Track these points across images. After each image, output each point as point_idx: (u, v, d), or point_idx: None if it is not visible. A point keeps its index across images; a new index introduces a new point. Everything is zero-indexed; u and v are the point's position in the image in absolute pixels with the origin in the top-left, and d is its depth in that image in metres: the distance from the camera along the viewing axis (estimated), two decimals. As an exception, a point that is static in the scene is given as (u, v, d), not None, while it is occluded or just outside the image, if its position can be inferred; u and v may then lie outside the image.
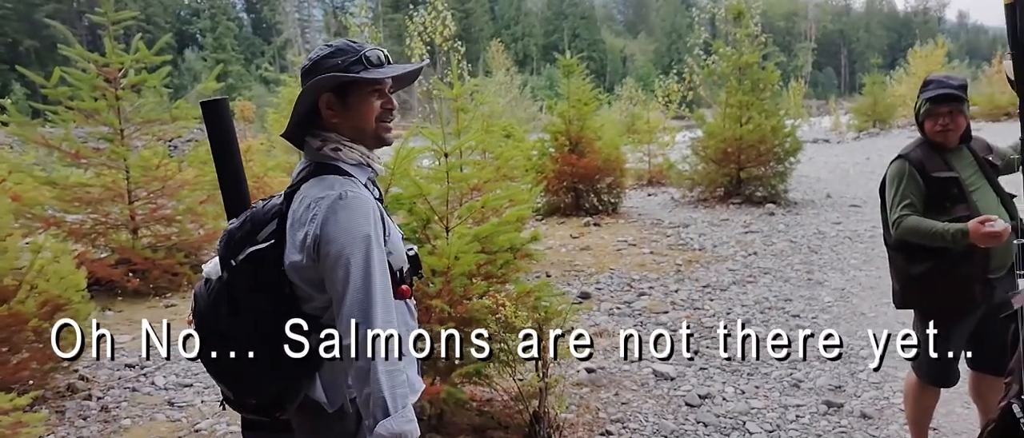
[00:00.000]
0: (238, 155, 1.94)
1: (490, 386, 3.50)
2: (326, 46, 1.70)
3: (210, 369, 1.73)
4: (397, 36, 10.75)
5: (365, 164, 1.70)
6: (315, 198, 1.57)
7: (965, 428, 3.49)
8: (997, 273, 2.76)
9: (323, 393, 1.68)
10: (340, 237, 1.52)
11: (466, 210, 3.55)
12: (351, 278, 1.52)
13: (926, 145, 2.88)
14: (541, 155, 10.22)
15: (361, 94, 1.66)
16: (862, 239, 7.98)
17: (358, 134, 1.68)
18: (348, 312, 1.52)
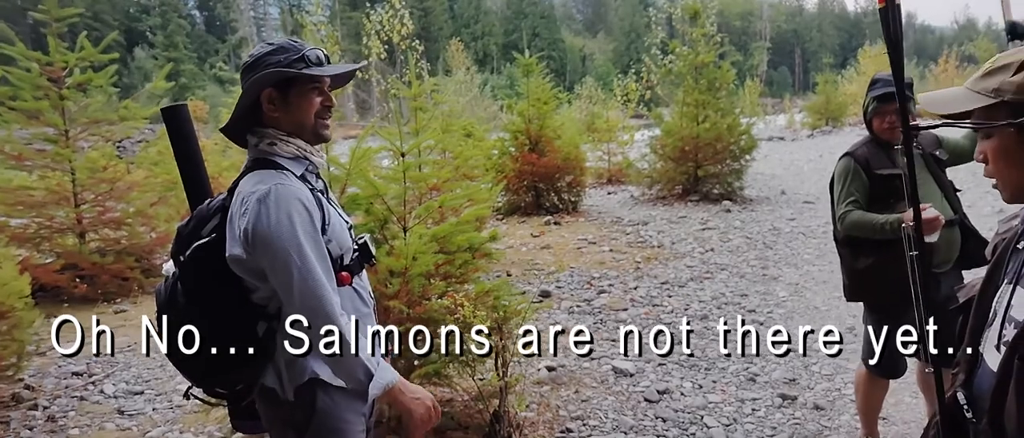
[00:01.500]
0: (201, 161, 1.97)
1: (450, 386, 3.48)
2: (267, 44, 1.75)
3: (174, 362, 1.80)
4: (354, 34, 10.62)
5: (302, 157, 1.75)
6: (248, 193, 1.64)
7: (913, 417, 3.59)
8: (942, 267, 2.84)
9: (276, 379, 1.75)
10: (271, 230, 1.59)
11: (424, 210, 3.52)
12: (289, 269, 1.60)
13: (873, 142, 2.96)
14: (501, 154, 10.22)
15: (302, 91, 1.73)
16: (815, 235, 8.16)
17: (298, 129, 1.75)
18: (296, 306, 1.63)
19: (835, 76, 29.38)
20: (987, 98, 1.16)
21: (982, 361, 1.25)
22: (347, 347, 1.63)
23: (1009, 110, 1.14)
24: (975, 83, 1.20)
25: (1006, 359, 1.13)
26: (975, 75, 1.22)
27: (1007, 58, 1.17)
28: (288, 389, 1.74)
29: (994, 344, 1.22)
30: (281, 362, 1.74)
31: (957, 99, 1.21)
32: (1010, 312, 1.19)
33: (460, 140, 9.31)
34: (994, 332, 1.23)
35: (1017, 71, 1.13)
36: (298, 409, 1.75)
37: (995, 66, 1.18)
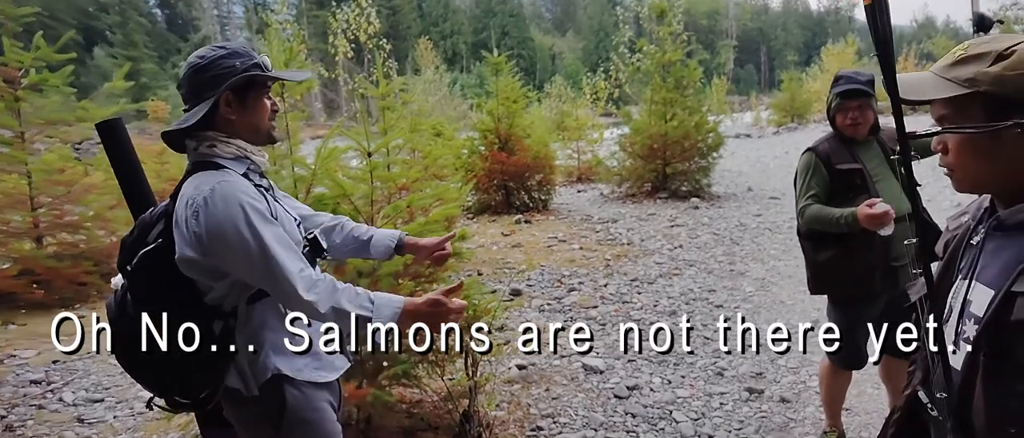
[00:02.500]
0: (140, 170, 1.98)
1: (419, 387, 3.45)
2: (216, 47, 1.75)
3: (130, 373, 1.81)
4: (321, 33, 10.52)
5: (243, 157, 1.76)
6: (192, 195, 1.64)
7: (875, 407, 3.66)
8: (900, 261, 2.89)
9: (239, 379, 1.76)
10: (223, 225, 1.60)
11: (392, 210, 3.49)
12: (249, 259, 1.62)
13: (836, 138, 3.00)
14: (471, 153, 10.20)
15: (259, 95, 1.77)
16: (781, 230, 8.28)
17: (253, 132, 1.78)
18: (269, 290, 1.68)
19: (800, 74, 29.96)
20: (959, 88, 1.09)
21: (941, 357, 1.22)
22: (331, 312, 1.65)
23: (982, 102, 1.08)
24: (946, 70, 1.13)
25: (971, 355, 1.11)
26: (945, 61, 1.15)
27: (982, 46, 1.10)
28: (252, 386, 1.75)
29: (952, 339, 1.20)
30: (243, 361, 1.75)
31: (925, 85, 1.14)
32: (969, 308, 1.16)
33: (429, 139, 9.26)
34: (951, 328, 1.20)
35: (995, 61, 1.07)
36: (268, 405, 1.77)
37: (969, 53, 1.10)
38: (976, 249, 1.20)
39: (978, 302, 1.13)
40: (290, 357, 1.78)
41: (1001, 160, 1.10)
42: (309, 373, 1.82)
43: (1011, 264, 1.09)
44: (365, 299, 1.69)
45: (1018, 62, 1.04)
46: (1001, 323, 1.05)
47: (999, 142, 1.08)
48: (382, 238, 2.11)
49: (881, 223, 2.60)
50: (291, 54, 3.87)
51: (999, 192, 1.16)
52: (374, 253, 2.10)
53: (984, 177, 1.15)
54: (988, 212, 1.22)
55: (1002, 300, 1.06)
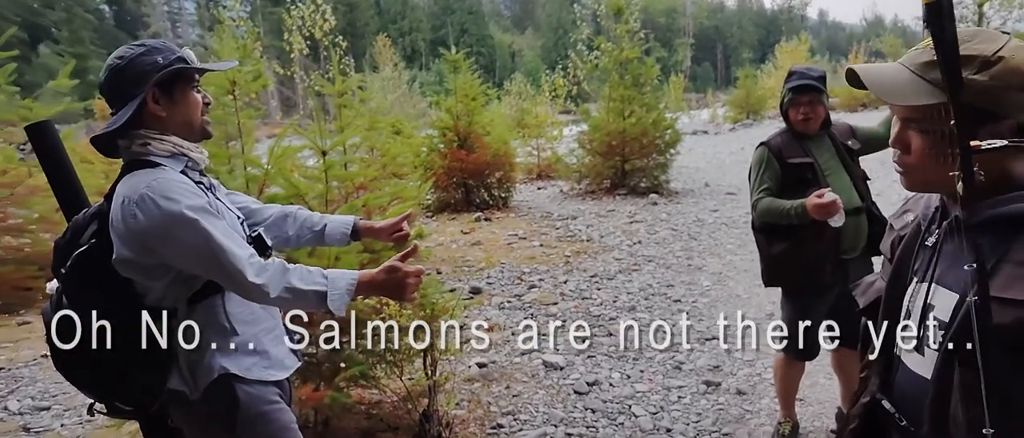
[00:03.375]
0: (73, 172, 1.94)
1: (378, 388, 3.42)
2: (135, 46, 1.72)
3: (68, 378, 1.76)
4: (276, 30, 10.35)
5: (180, 154, 1.73)
6: (127, 194, 1.61)
7: (828, 397, 3.75)
8: (849, 254, 2.96)
9: (182, 382, 1.73)
10: (162, 220, 1.57)
11: (347, 209, 3.45)
12: (195, 252, 1.60)
13: (788, 133, 3.06)
14: (430, 151, 10.15)
15: (187, 90, 1.73)
16: (737, 225, 8.42)
17: (185, 127, 1.75)
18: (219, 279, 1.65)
19: (755, 71, 30.46)
20: (942, 95, 1.01)
21: (900, 363, 1.20)
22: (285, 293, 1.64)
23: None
24: (924, 69, 1.05)
25: (943, 364, 1.07)
26: (922, 57, 1.07)
27: (965, 46, 1.01)
28: (196, 389, 1.73)
29: (913, 345, 1.16)
30: (183, 362, 1.72)
31: (903, 87, 1.06)
32: (932, 312, 1.12)
33: (388, 137, 9.19)
34: (911, 332, 1.17)
35: (980, 68, 1.00)
36: (216, 405, 1.75)
37: None
38: (932, 251, 1.16)
39: (942, 307, 1.10)
40: (236, 356, 1.76)
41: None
42: (258, 372, 1.80)
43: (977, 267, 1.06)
44: (318, 275, 1.69)
45: (1005, 73, 1.00)
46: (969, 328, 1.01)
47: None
48: (337, 225, 2.10)
49: (830, 213, 2.66)
50: (245, 51, 3.80)
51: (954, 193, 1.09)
52: (329, 241, 2.09)
53: (941, 180, 1.08)
54: (940, 212, 1.18)
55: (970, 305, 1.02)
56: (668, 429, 3.55)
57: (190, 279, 1.70)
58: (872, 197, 3.08)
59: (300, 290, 1.65)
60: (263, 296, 1.64)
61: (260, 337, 1.83)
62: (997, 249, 1.04)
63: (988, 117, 1.01)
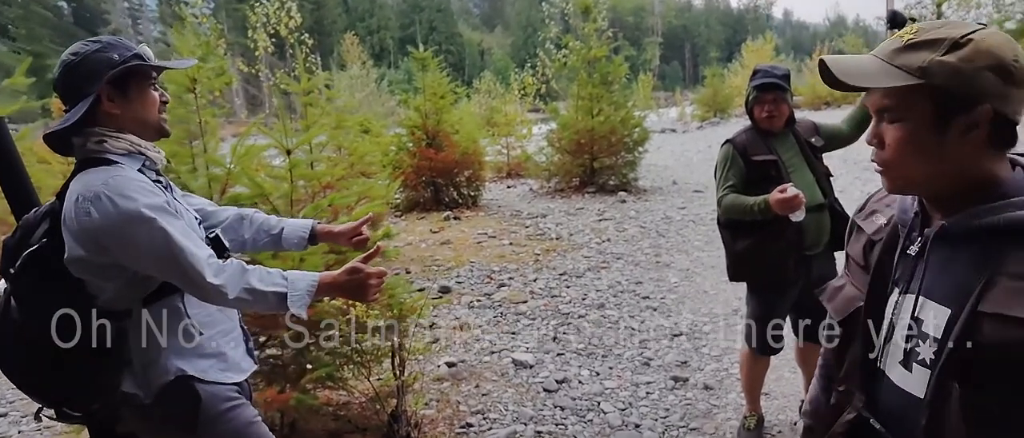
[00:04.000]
0: (23, 170, 1.92)
1: (345, 389, 3.39)
2: (90, 41, 1.69)
3: (16, 382, 1.72)
4: (241, 27, 10.17)
5: (137, 153, 1.70)
6: (82, 191, 1.57)
7: (792, 391, 3.81)
8: (812, 250, 3.01)
9: (135, 384, 1.70)
10: (120, 220, 1.54)
11: (312, 209, 3.40)
12: (152, 252, 1.57)
13: (753, 130, 3.09)
14: (399, 150, 10.08)
15: (143, 87, 1.70)
16: (704, 222, 8.51)
17: (141, 125, 1.72)
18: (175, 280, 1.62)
19: (722, 70, 30.82)
20: (910, 77, 0.98)
21: (884, 378, 1.14)
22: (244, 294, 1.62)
23: (932, 95, 0.98)
24: (893, 55, 1.02)
25: (939, 383, 1.01)
26: (891, 45, 1.03)
27: (933, 31, 0.99)
28: (149, 391, 1.70)
29: (899, 360, 1.10)
30: (138, 365, 1.69)
31: (868, 71, 1.02)
32: (920, 327, 1.06)
33: (356, 136, 9.11)
34: (897, 347, 1.11)
35: (949, 49, 0.96)
36: (173, 408, 1.72)
37: (919, 38, 1.00)
38: (915, 260, 1.10)
39: (932, 322, 1.04)
40: (193, 358, 1.74)
41: (945, 161, 1.02)
42: (215, 374, 1.78)
43: (965, 280, 1.00)
44: (278, 277, 1.67)
45: (975, 54, 0.96)
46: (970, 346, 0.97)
47: (945, 141, 1.00)
48: (294, 229, 2.07)
49: (792, 207, 2.70)
50: (208, 49, 3.73)
51: (936, 195, 1.07)
52: (286, 245, 2.06)
53: (924, 178, 1.05)
54: (920, 218, 1.12)
55: (966, 321, 0.97)
56: (636, 425, 3.57)
57: (145, 280, 1.67)
58: (835, 194, 3.13)
59: (260, 291, 1.63)
60: (221, 297, 1.61)
61: (217, 339, 1.81)
62: (990, 261, 0.98)
63: (960, 103, 0.97)
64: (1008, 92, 0.96)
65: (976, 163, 1.01)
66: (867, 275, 1.19)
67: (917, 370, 1.06)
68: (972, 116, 0.97)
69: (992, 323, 0.94)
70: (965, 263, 1.02)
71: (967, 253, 1.02)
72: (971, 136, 0.99)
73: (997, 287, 0.95)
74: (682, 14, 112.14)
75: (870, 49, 1.15)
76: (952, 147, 1.00)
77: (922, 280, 1.07)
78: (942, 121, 0.99)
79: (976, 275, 0.98)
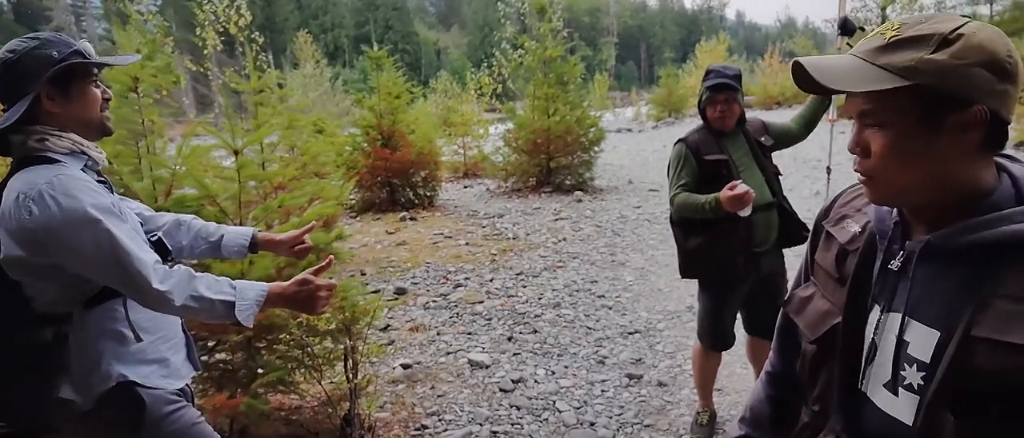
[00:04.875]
0: None
1: (297, 393, 3.33)
2: (27, 38, 1.64)
3: None
4: (188, 24, 9.93)
5: (78, 152, 1.66)
6: (23, 189, 1.52)
7: (744, 386, 3.88)
8: (761, 247, 3.07)
9: (73, 391, 1.65)
10: (62, 219, 1.50)
11: (262, 210, 3.34)
12: (97, 254, 1.53)
13: (705, 130, 3.14)
14: (353, 150, 9.96)
15: (84, 85, 1.66)
16: (659, 221, 8.62)
17: (83, 124, 1.67)
18: (118, 285, 1.58)
19: (676, 70, 31.25)
20: (896, 79, 0.89)
21: (868, 402, 1.05)
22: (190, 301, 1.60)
23: (920, 96, 0.90)
24: (875, 55, 0.93)
25: (929, 413, 0.93)
26: (872, 43, 0.95)
27: (919, 26, 0.91)
28: (90, 398, 1.65)
29: (883, 383, 1.02)
30: (77, 370, 1.64)
31: (850, 73, 0.93)
32: (907, 350, 0.98)
33: (310, 136, 8.95)
34: (881, 369, 1.02)
35: (938, 46, 0.88)
36: (115, 414, 1.68)
37: (904, 35, 0.91)
38: (897, 276, 1.01)
39: (919, 344, 0.97)
40: (135, 363, 1.70)
41: (936, 167, 0.93)
42: (156, 379, 1.75)
43: (956, 301, 0.92)
44: (226, 285, 1.65)
45: (966, 50, 0.87)
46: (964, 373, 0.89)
47: (936, 146, 0.92)
48: (234, 237, 2.04)
49: (742, 203, 2.76)
50: (154, 46, 3.63)
51: (924, 205, 0.99)
52: (226, 253, 2.03)
53: (914, 187, 0.96)
54: (900, 230, 1.04)
55: (959, 347, 0.89)
56: (591, 423, 3.59)
57: (87, 282, 1.62)
58: (784, 192, 3.20)
59: (207, 299, 1.61)
60: (166, 304, 1.58)
61: (159, 345, 1.79)
62: (983, 281, 0.90)
63: (952, 104, 0.89)
64: (1002, 90, 0.89)
65: (966, 169, 0.93)
66: (842, 288, 1.10)
67: (904, 395, 0.99)
68: (965, 118, 0.89)
69: (987, 349, 0.87)
70: (955, 282, 0.94)
71: (957, 271, 0.94)
72: (964, 139, 0.91)
73: (991, 310, 0.88)
74: (637, 14, 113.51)
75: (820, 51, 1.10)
76: (943, 152, 0.92)
77: (908, 299, 0.98)
78: (932, 125, 0.91)
79: (968, 296, 0.91)
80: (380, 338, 4.80)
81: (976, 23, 0.90)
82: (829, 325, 1.11)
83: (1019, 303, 0.86)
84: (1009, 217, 0.90)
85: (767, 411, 1.42)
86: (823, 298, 1.15)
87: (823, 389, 1.13)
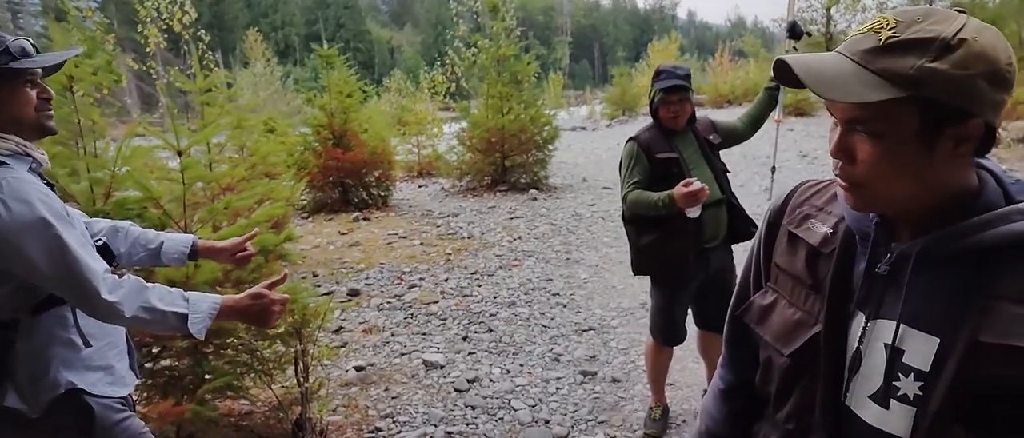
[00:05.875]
0: None
1: (247, 398, 3.26)
2: None
3: None
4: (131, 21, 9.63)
5: (22, 154, 1.61)
6: None
7: (696, 380, 3.94)
8: (711, 243, 3.13)
9: (19, 399, 1.61)
10: (13, 227, 1.46)
11: (207, 212, 3.25)
12: (47, 261, 1.49)
13: (656, 128, 3.18)
14: (305, 150, 9.80)
15: (14, 85, 1.61)
16: (613, 218, 8.69)
17: (16, 124, 1.62)
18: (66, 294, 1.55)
19: (629, 69, 31.59)
20: (895, 89, 0.82)
21: (853, 417, 0.98)
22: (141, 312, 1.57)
23: (919, 107, 0.83)
24: (869, 58, 0.85)
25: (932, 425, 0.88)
26: (863, 43, 0.87)
27: (917, 27, 0.84)
28: (36, 406, 1.61)
29: (870, 395, 0.96)
30: (23, 378, 1.59)
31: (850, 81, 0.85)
32: (902, 359, 0.92)
33: (261, 136, 8.78)
34: (867, 380, 0.96)
35: (940, 53, 0.81)
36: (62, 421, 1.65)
37: (901, 37, 0.84)
38: (886, 281, 0.95)
39: (917, 352, 0.91)
40: (82, 371, 1.67)
41: (929, 178, 0.88)
42: (103, 387, 1.72)
43: (956, 305, 0.88)
44: (178, 297, 1.63)
45: (969, 59, 0.81)
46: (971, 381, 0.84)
47: (932, 157, 0.86)
48: (174, 244, 2.01)
49: (697, 200, 2.81)
50: (94, 45, 3.51)
51: (910, 213, 0.94)
52: (165, 260, 1.99)
53: (903, 196, 0.91)
54: (883, 233, 0.97)
55: (966, 353, 0.84)
56: (546, 421, 3.60)
57: (35, 287, 1.57)
58: (733, 189, 3.26)
59: (159, 311, 1.59)
60: (115, 315, 1.55)
61: (106, 351, 1.75)
62: (984, 283, 0.86)
63: (951, 115, 0.83)
64: (1000, 100, 0.85)
65: (956, 175, 0.90)
66: (817, 295, 1.03)
67: (897, 407, 0.92)
68: (963, 130, 0.84)
69: (996, 355, 0.82)
70: (953, 286, 0.89)
71: (954, 274, 0.89)
72: (959, 151, 0.86)
73: (996, 313, 0.83)
74: (591, 14, 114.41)
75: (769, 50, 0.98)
76: (938, 163, 0.87)
77: (901, 305, 0.92)
78: (930, 136, 0.85)
79: (969, 300, 0.86)
80: (333, 340, 4.73)
81: (974, 22, 0.84)
82: (806, 336, 1.03)
83: (1022, 305, 0.82)
84: (1006, 216, 0.86)
85: (729, 431, 1.32)
86: (791, 306, 1.07)
87: (798, 405, 1.05)
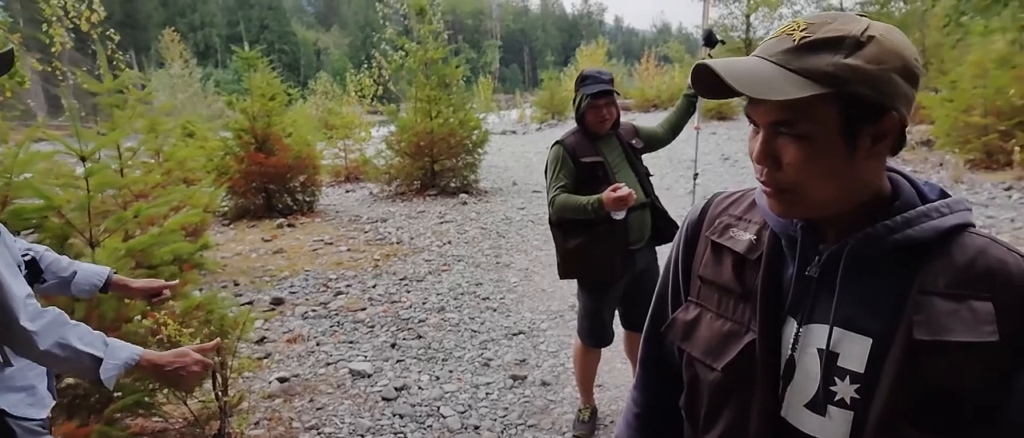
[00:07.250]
0: None
1: (160, 415, 3.10)
2: None
3: None
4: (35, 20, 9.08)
5: None
6: None
7: (623, 381, 3.99)
8: (636, 245, 3.17)
9: None
10: None
11: (115, 221, 3.09)
12: None
13: (581, 132, 3.20)
14: (226, 154, 9.46)
15: None
16: (543, 222, 8.73)
17: None
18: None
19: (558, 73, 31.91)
20: (817, 85, 0.82)
21: (788, 428, 0.95)
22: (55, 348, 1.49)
23: (839, 105, 0.84)
24: (787, 58, 0.85)
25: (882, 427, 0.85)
26: (781, 44, 0.86)
27: (827, 27, 0.85)
28: None
29: (805, 403, 0.93)
30: None
31: (774, 80, 0.84)
32: (837, 362, 0.90)
33: (179, 140, 8.42)
34: (801, 388, 0.94)
35: (853, 50, 0.82)
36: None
37: (814, 36, 0.84)
38: (819, 285, 0.94)
39: (851, 354, 0.89)
40: (3, 391, 1.59)
41: (853, 177, 0.88)
42: (23, 408, 1.63)
43: (887, 304, 0.87)
44: (98, 340, 1.56)
45: (882, 54, 0.83)
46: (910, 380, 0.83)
47: (854, 155, 0.86)
48: (87, 276, 1.92)
49: (625, 204, 2.83)
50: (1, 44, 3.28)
51: (837, 215, 0.92)
52: (76, 291, 1.91)
53: (830, 200, 0.90)
54: (809, 236, 0.96)
55: (904, 353, 0.84)
56: (475, 427, 3.57)
57: None
58: (657, 192, 3.31)
59: (74, 349, 1.51)
60: (28, 346, 1.47)
61: (27, 371, 1.66)
62: (913, 279, 0.86)
63: (870, 111, 0.84)
64: (911, 94, 0.86)
65: (877, 177, 0.91)
66: (747, 303, 1.00)
67: (836, 413, 0.90)
68: (882, 126, 0.86)
69: (933, 351, 0.82)
70: (884, 285, 0.89)
71: (883, 273, 0.89)
72: (879, 148, 0.87)
73: (928, 309, 0.84)
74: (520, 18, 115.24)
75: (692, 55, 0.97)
76: (859, 162, 0.87)
77: (834, 307, 0.91)
78: (851, 133, 0.85)
79: (901, 298, 0.86)
80: (255, 351, 4.57)
81: (879, 23, 0.86)
82: (739, 347, 0.99)
83: (952, 300, 0.83)
84: (928, 213, 0.88)
85: None
86: (719, 317, 1.04)
87: (731, 423, 1.01)
